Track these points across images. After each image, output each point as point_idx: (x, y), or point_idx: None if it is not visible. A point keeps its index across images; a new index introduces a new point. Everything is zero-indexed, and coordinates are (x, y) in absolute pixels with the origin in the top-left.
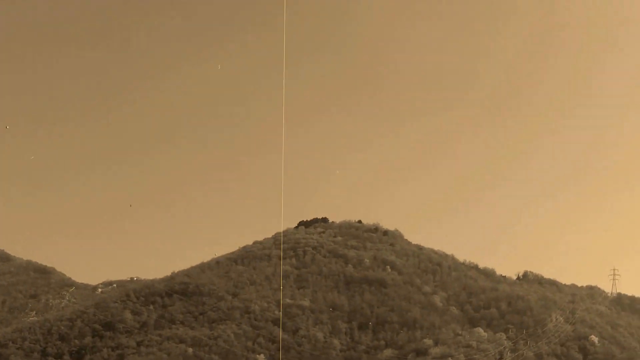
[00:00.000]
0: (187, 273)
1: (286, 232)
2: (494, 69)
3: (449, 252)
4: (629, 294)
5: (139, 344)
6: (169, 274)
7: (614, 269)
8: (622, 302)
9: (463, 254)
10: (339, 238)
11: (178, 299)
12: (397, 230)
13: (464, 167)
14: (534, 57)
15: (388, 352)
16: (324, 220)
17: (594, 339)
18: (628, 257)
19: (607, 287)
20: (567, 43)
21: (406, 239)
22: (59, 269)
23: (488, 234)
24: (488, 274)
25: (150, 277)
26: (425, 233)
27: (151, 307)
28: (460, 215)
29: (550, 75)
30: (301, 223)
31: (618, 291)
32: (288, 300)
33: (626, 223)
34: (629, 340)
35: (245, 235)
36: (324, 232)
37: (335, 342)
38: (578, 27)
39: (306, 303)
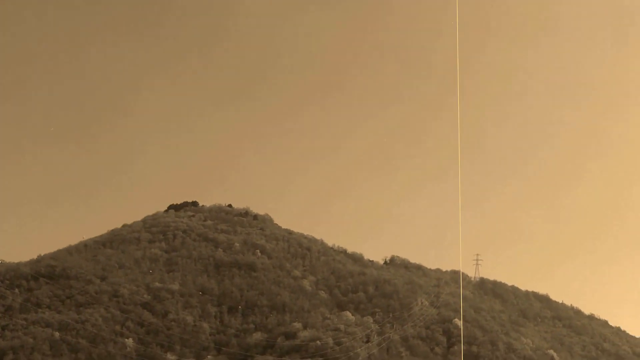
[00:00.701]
0: (53, 256)
1: (155, 216)
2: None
3: (318, 237)
4: (491, 278)
5: (3, 328)
6: (35, 257)
7: (477, 255)
8: (484, 286)
9: (332, 239)
10: (209, 222)
11: (44, 282)
12: (267, 215)
13: (334, 154)
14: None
15: (257, 335)
16: (194, 204)
17: (458, 322)
18: (491, 243)
19: (470, 272)
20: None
21: (276, 224)
22: None
23: (357, 219)
24: (356, 258)
25: (16, 260)
26: (295, 218)
27: (16, 290)
28: (329, 201)
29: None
30: (171, 207)
31: (481, 276)
32: (157, 284)
33: (489, 209)
34: (491, 324)
35: (115, 219)
36: (194, 216)
37: (205, 325)
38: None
39: (175, 287)
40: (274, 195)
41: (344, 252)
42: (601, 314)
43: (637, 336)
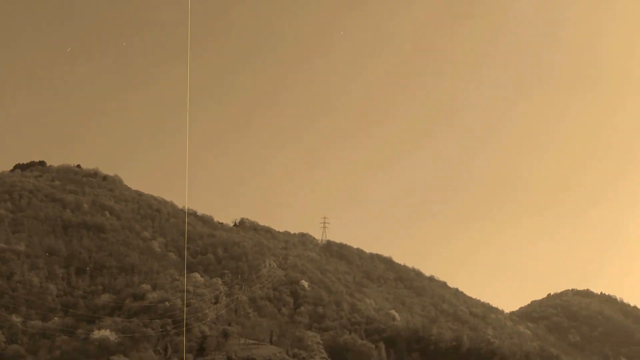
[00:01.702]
0: None
1: (1, 175)
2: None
3: (168, 198)
4: (337, 241)
5: None
6: None
7: (325, 218)
8: (331, 248)
9: (182, 201)
10: (57, 182)
11: None
12: (116, 176)
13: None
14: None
15: (105, 297)
16: (42, 163)
17: (305, 283)
18: (337, 206)
19: (317, 234)
20: None
21: (126, 185)
22: None
23: (207, 181)
24: (206, 220)
25: None
26: (145, 179)
27: None
28: (180, 164)
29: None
30: (17, 166)
31: (328, 238)
32: (2, 245)
33: (336, 173)
34: (336, 285)
35: None
36: (41, 176)
37: (52, 287)
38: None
39: (21, 248)
40: (123, 157)
41: (194, 214)
42: (440, 276)
43: (474, 297)
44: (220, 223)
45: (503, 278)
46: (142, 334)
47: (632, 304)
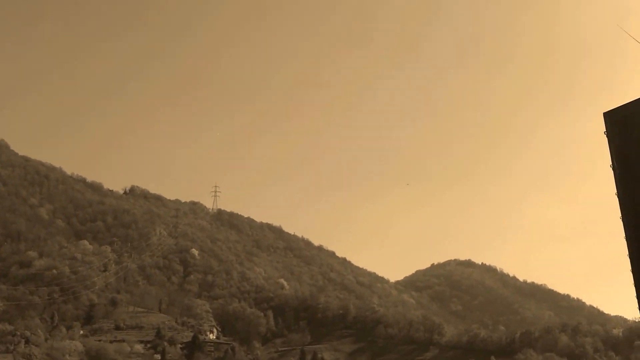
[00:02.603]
0: None
1: None
2: None
3: (57, 164)
4: (228, 209)
5: None
6: None
7: (216, 186)
8: (221, 217)
9: (71, 167)
10: None
11: None
12: (2, 141)
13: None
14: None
15: None
16: None
17: (195, 251)
18: (228, 174)
19: (208, 203)
20: None
21: (13, 150)
22: None
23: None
24: (95, 187)
25: None
26: (33, 144)
27: None
28: (69, 127)
29: None
30: None
31: (219, 207)
32: None
33: (228, 140)
34: (226, 253)
35: None
36: None
37: None
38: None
39: None
40: (9, 120)
41: (83, 180)
42: (329, 246)
43: (361, 267)
44: (110, 190)
45: (389, 248)
46: (29, 302)
47: (511, 274)
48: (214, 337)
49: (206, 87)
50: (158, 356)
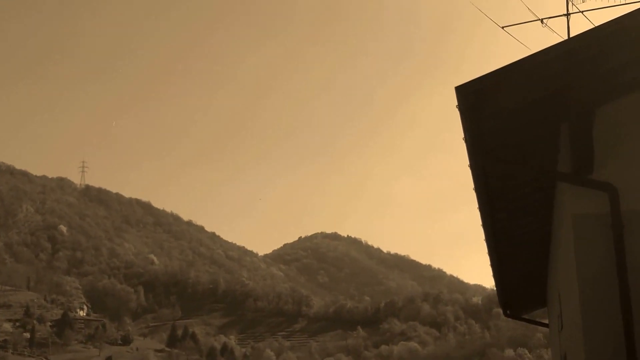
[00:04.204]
0: None
1: None
2: None
3: None
4: (97, 185)
5: None
6: None
7: (83, 162)
8: (89, 193)
9: None
10: None
11: None
12: None
13: None
14: None
15: None
16: None
17: (63, 228)
18: (96, 150)
19: (76, 178)
20: None
21: None
22: None
23: None
24: None
25: None
26: None
27: None
28: None
29: None
30: None
31: (87, 183)
32: None
33: (98, 115)
34: (95, 230)
35: None
36: None
37: None
38: None
39: None
40: None
41: None
42: (198, 220)
43: (230, 241)
44: None
45: (257, 222)
46: None
47: (375, 246)
48: (84, 314)
49: (71, 59)
50: (27, 334)
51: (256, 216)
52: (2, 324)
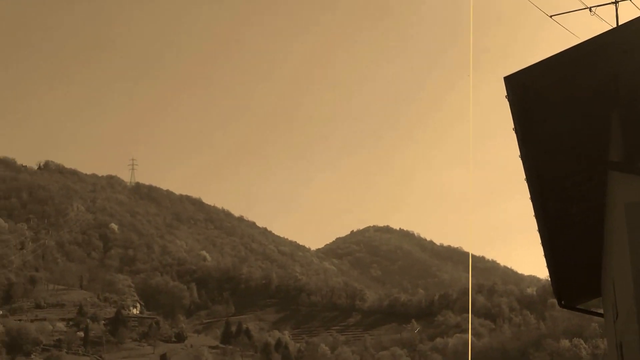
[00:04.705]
0: None
1: None
2: None
3: None
4: (147, 182)
5: None
6: None
7: (133, 159)
8: (140, 190)
9: None
10: None
11: None
12: None
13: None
14: None
15: None
16: None
17: (114, 226)
18: (146, 147)
19: (126, 176)
20: None
21: None
22: None
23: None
24: (8, 163)
25: None
26: None
27: None
28: None
29: None
30: None
31: (136, 180)
32: None
33: (146, 112)
34: (146, 227)
35: None
36: None
37: None
38: None
39: None
40: None
41: None
42: (249, 216)
43: (282, 236)
44: (23, 166)
45: (309, 217)
46: None
47: (428, 239)
48: (137, 312)
49: (118, 56)
50: (81, 333)
51: (307, 211)
52: (55, 323)
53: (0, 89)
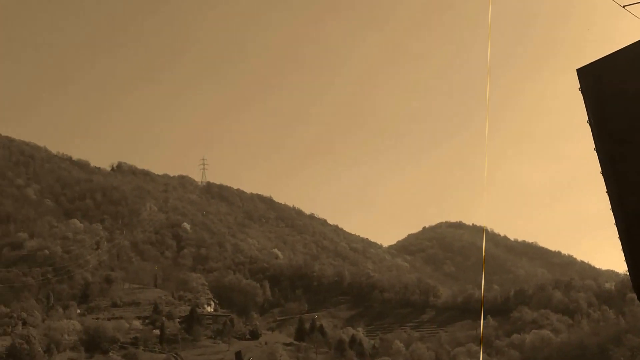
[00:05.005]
0: None
1: None
2: None
3: (41, 143)
4: (217, 182)
5: None
6: None
7: (204, 159)
8: (211, 190)
9: (55, 146)
10: None
11: None
12: None
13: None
14: None
15: None
16: None
17: (187, 225)
18: (216, 147)
19: (197, 176)
20: None
21: None
22: None
23: (81, 123)
24: (82, 165)
25: None
26: (16, 123)
27: None
28: (48, 104)
29: None
30: None
31: (207, 180)
32: None
33: (216, 112)
34: (218, 226)
35: None
36: None
37: None
38: None
39: None
40: None
41: (69, 159)
42: (320, 214)
43: (353, 233)
44: (97, 167)
45: (380, 214)
46: (23, 284)
47: (501, 234)
48: (212, 310)
49: (189, 60)
50: (157, 331)
51: (378, 208)
52: (132, 321)
53: (74, 93)
